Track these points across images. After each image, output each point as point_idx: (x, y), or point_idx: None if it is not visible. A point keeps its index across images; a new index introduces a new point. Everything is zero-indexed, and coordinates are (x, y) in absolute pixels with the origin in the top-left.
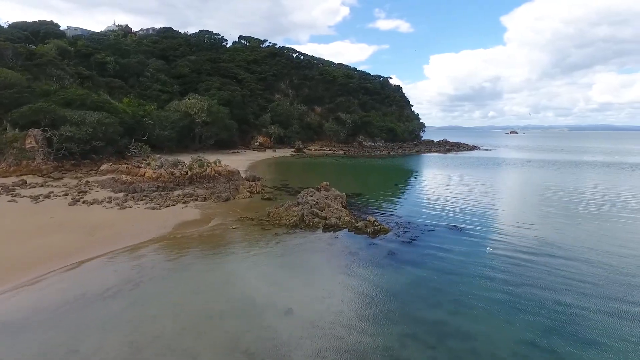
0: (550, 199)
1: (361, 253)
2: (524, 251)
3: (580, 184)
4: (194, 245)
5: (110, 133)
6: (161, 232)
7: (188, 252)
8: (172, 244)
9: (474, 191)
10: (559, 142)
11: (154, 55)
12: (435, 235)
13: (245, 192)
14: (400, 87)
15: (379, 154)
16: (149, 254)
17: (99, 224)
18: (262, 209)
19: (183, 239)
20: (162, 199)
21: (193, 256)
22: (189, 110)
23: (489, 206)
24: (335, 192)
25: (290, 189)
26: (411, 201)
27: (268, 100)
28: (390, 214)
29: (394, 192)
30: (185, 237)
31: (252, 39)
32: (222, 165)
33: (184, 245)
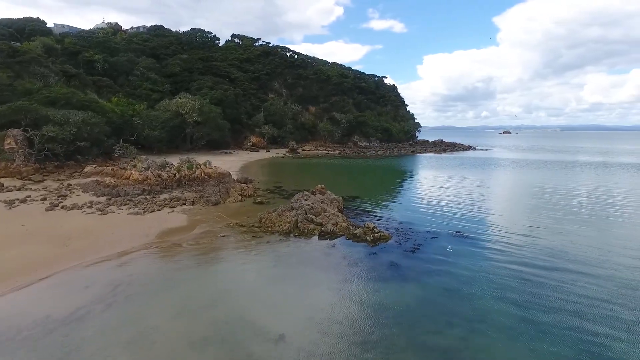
0: (555, 203)
1: (361, 265)
2: (536, 264)
3: (583, 186)
4: (177, 256)
5: (96, 133)
6: (143, 241)
7: (170, 264)
8: (153, 255)
9: (474, 194)
10: (553, 142)
11: (145, 54)
12: (439, 243)
13: (236, 196)
14: (395, 87)
15: (375, 155)
16: (126, 267)
17: (75, 232)
18: (253, 213)
19: (166, 249)
20: (147, 204)
21: (176, 269)
22: (179, 110)
23: (491, 210)
24: (331, 196)
25: (283, 191)
26: (410, 205)
27: (261, 100)
28: (389, 219)
29: (392, 195)
30: (168, 247)
31: (245, 38)
32: (212, 167)
33: (167, 256)
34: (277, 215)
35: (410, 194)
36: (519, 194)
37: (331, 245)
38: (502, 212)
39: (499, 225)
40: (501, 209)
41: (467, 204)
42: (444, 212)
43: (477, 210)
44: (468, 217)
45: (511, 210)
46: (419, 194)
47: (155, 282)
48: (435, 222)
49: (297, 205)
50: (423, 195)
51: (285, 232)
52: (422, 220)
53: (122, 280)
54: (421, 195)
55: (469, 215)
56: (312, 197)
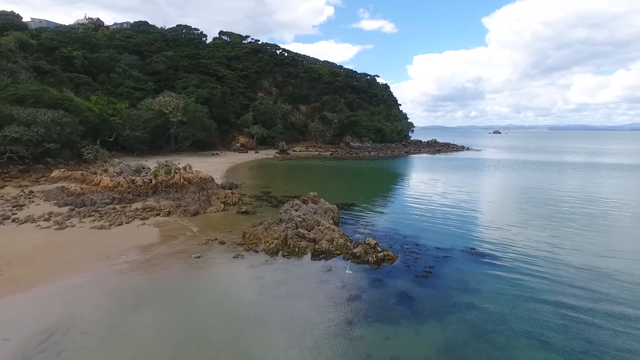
0: (572, 212)
1: (365, 297)
2: (576, 294)
3: (593, 191)
4: (138, 286)
5: (68, 134)
6: (101, 265)
7: (128, 299)
8: (108, 285)
9: (479, 201)
10: (544, 142)
11: (127, 51)
12: (453, 264)
13: (218, 204)
14: (388, 86)
15: (368, 156)
16: (70, 305)
17: (18, 254)
18: (237, 226)
19: (126, 277)
20: (116, 215)
21: (133, 307)
22: (163, 109)
23: (502, 220)
24: (325, 205)
25: (272, 198)
26: (412, 214)
27: (250, 99)
28: (391, 233)
29: (391, 202)
30: (130, 272)
31: (233, 35)
32: (194, 172)
33: (125, 287)
34: (264, 229)
35: (411, 201)
36: (530, 200)
37: (327, 268)
38: (515, 222)
39: (515, 239)
40: (514, 219)
41: (474, 213)
42: (450, 223)
43: (486, 221)
44: (478, 229)
45: (525, 221)
46: (421, 201)
47: (103, 327)
48: (443, 236)
49: (286, 216)
50: (425, 203)
51: (273, 251)
52: (428, 234)
53: (60, 325)
54: (423, 202)
55: (479, 226)
56: (304, 207)
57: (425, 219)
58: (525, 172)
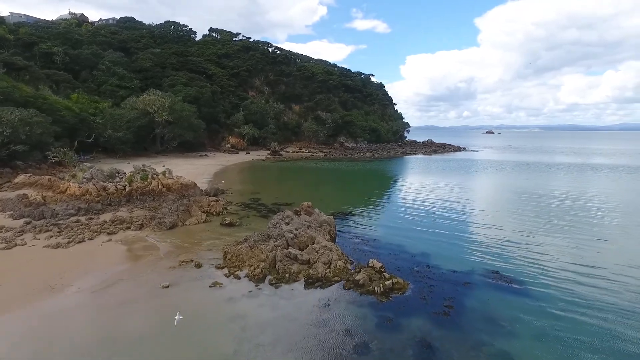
0: (599, 224)
1: (374, 347)
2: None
3: (608, 195)
4: (75, 337)
5: (38, 135)
6: (37, 299)
7: (62, 355)
8: (40, 331)
9: (491, 210)
10: (538, 142)
11: (113, 47)
12: (477, 294)
13: (199, 215)
14: (382, 85)
15: (363, 157)
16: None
17: None
18: (218, 242)
19: (62, 320)
20: (78, 229)
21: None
22: (147, 108)
23: (523, 233)
24: (320, 216)
25: (261, 206)
26: (418, 226)
27: (241, 98)
28: (397, 250)
29: (392, 211)
30: (69, 314)
31: (223, 32)
32: (174, 177)
33: (63, 333)
34: (248, 248)
35: (415, 209)
36: (547, 209)
37: (324, 302)
38: (537, 236)
39: (544, 259)
40: (534, 232)
41: (488, 226)
42: (463, 237)
43: (504, 234)
44: (496, 245)
45: (549, 234)
46: (425, 210)
47: None
48: (457, 254)
49: (275, 232)
50: (430, 212)
51: (258, 277)
52: (439, 251)
53: None
54: (428, 211)
55: (497, 242)
56: (296, 220)
57: (433, 232)
58: (531, 176)
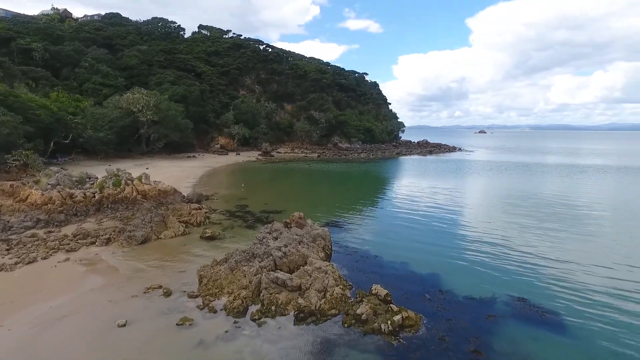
0: (626, 232)
1: None
2: None
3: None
4: None
5: (6, 135)
6: None
7: None
8: None
9: (502, 219)
10: (531, 142)
11: (97, 44)
12: (506, 331)
13: (176, 226)
14: (377, 84)
15: (357, 158)
16: None
17: None
18: (196, 260)
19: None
20: (32, 246)
21: None
22: (131, 107)
23: (543, 247)
24: (314, 229)
25: (248, 215)
26: (424, 239)
27: (231, 97)
28: (403, 270)
29: (393, 221)
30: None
31: (213, 29)
32: (152, 182)
33: None
34: (229, 270)
35: (418, 219)
36: (560, 217)
37: (318, 346)
38: (561, 250)
39: (577, 280)
40: (557, 246)
41: (502, 238)
42: (475, 253)
43: (522, 248)
44: (515, 262)
45: (579, 249)
46: (429, 218)
47: None
48: (472, 274)
49: (261, 249)
50: (435, 221)
51: (238, 310)
52: (451, 270)
53: None
54: (431, 220)
55: (516, 257)
56: (286, 234)
57: (440, 246)
58: (536, 179)
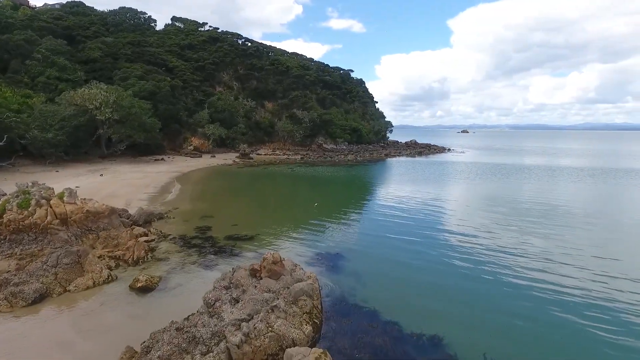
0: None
1: None
2: None
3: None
4: None
5: None
6: None
7: None
8: None
9: (531, 239)
10: (516, 141)
11: (56, 35)
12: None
13: (98, 269)
14: (363, 81)
15: (344, 160)
16: None
17: None
18: (104, 339)
19: None
20: None
21: None
22: (86, 104)
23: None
24: (296, 277)
25: (209, 242)
26: (454, 283)
27: (206, 94)
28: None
29: (404, 250)
30: None
31: (187, 21)
32: (77, 201)
33: None
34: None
35: (422, 243)
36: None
37: None
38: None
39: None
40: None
41: (541, 277)
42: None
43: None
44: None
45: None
46: (438, 243)
47: None
48: (514, 342)
49: (209, 329)
50: (465, 252)
51: None
52: (491, 334)
53: None
54: (456, 248)
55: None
56: (251, 292)
57: (486, 298)
58: (548, 185)
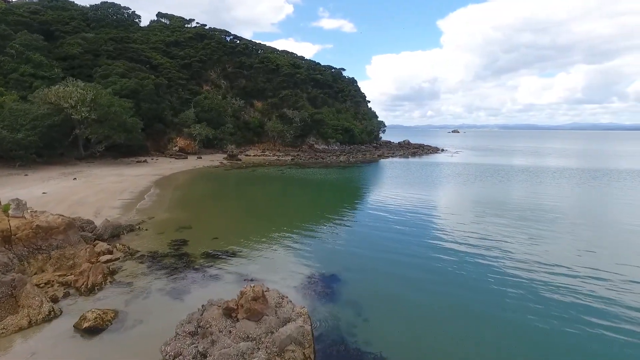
0: None
1: None
2: None
3: None
4: None
5: None
6: None
7: None
8: None
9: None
10: (508, 142)
11: (32, 30)
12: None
13: (36, 302)
14: (355, 80)
15: (336, 161)
16: None
17: None
18: None
19: None
20: None
21: None
22: (61, 102)
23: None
24: (282, 317)
25: (182, 260)
26: (453, 304)
27: (193, 93)
28: None
29: (394, 260)
30: None
31: (174, 18)
32: (28, 215)
33: None
34: None
35: (442, 262)
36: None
37: None
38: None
39: None
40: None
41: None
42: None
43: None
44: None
45: None
46: (450, 261)
47: None
48: None
49: None
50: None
51: None
52: None
53: None
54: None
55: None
56: (224, 340)
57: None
58: (556, 187)
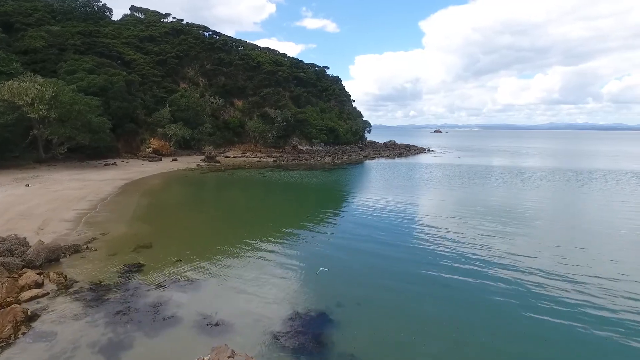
0: None
1: None
2: None
3: None
4: None
5: None
6: None
7: None
8: None
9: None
10: (490, 141)
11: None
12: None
13: None
14: (339, 79)
15: (321, 163)
16: None
17: None
18: None
19: None
20: None
21: None
22: (15, 99)
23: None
24: None
25: (134, 294)
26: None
27: (169, 91)
28: None
29: (395, 289)
30: None
31: (148, 12)
32: None
33: None
34: None
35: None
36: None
37: None
38: None
39: None
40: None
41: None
42: None
43: None
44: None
45: None
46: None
47: None
48: None
49: None
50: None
51: None
52: None
53: None
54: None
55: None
56: None
57: None
58: (552, 189)
